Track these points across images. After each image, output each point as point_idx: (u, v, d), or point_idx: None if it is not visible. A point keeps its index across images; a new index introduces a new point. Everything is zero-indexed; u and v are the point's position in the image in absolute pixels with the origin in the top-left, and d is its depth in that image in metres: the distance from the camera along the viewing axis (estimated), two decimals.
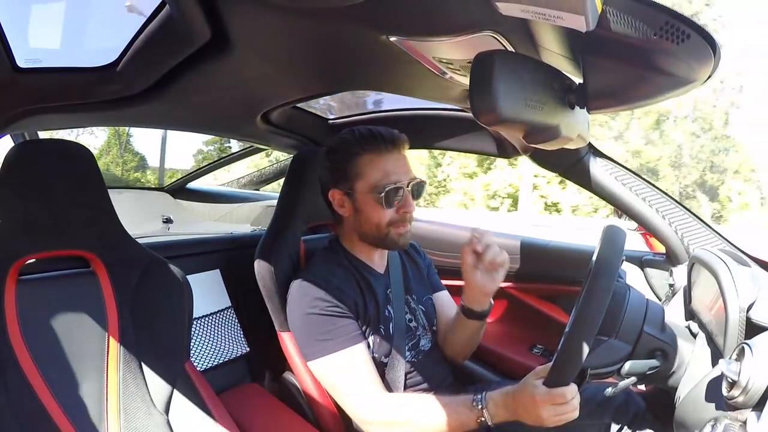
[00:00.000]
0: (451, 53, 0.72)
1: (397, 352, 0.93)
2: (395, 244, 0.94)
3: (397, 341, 0.94)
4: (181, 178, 2.12)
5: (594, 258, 0.69)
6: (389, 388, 0.91)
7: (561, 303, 1.35)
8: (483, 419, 0.78)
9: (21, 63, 0.82)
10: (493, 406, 0.78)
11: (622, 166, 1.08)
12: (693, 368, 0.73)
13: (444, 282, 1.17)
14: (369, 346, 0.91)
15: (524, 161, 1.19)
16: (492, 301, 0.99)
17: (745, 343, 0.53)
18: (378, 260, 1.01)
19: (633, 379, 0.76)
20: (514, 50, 0.68)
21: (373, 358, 0.91)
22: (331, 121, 1.40)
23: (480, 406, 0.78)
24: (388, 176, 0.89)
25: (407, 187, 0.90)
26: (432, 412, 0.80)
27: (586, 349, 0.65)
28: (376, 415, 0.84)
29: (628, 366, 0.74)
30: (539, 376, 0.75)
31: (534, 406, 0.72)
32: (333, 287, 0.90)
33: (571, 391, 0.71)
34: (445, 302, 1.12)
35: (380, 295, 0.96)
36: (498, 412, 0.77)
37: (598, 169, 1.05)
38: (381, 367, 0.92)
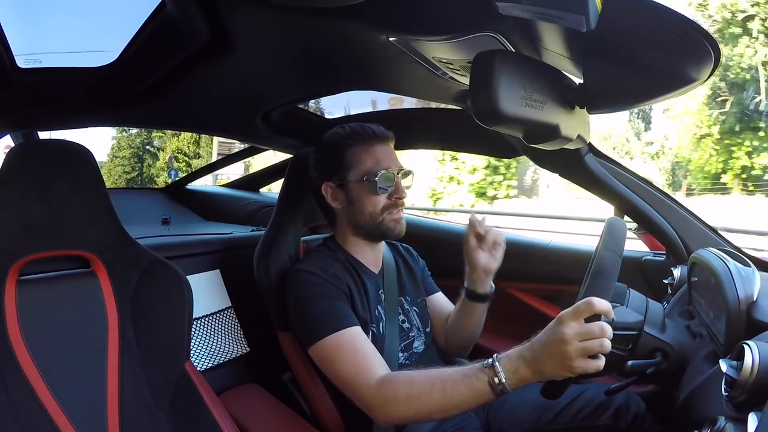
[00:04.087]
0: (451, 53, 0.72)
1: (389, 352, 0.92)
2: (391, 231, 0.95)
3: (388, 342, 0.93)
4: (181, 178, 2.12)
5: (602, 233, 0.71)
6: None
7: (561, 303, 1.35)
8: (497, 379, 0.68)
9: (21, 63, 0.83)
10: (506, 361, 0.68)
11: (622, 166, 1.09)
12: (693, 368, 0.73)
13: (440, 282, 1.17)
14: None
15: None
16: (493, 285, 1.01)
17: (745, 343, 0.53)
18: (372, 259, 1.01)
19: (633, 378, 0.76)
20: (514, 50, 0.68)
21: None
22: (330, 121, 1.40)
23: (490, 366, 0.69)
24: (380, 163, 0.93)
25: (398, 174, 0.94)
26: (440, 384, 0.73)
27: (616, 268, 0.64)
28: (379, 393, 0.77)
29: (628, 366, 0.74)
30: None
31: (557, 329, 0.63)
32: (329, 274, 0.90)
33: (600, 302, 0.61)
34: (441, 303, 1.13)
35: (372, 295, 0.96)
36: (513, 365, 0.67)
37: (598, 169, 1.05)
38: None
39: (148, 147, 12.89)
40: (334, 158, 0.95)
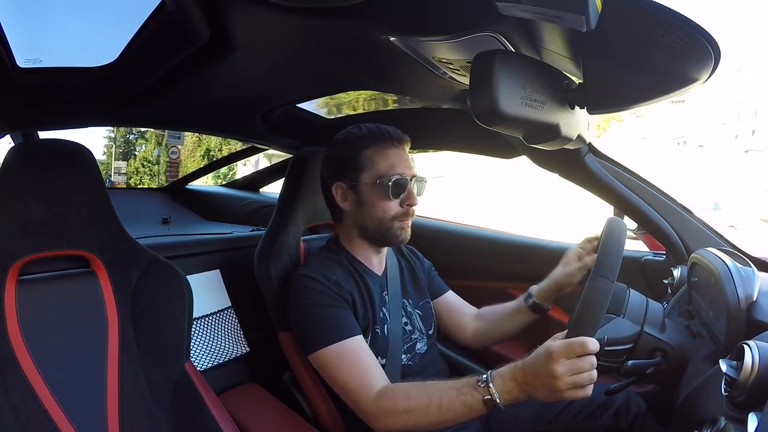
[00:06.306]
0: (451, 53, 0.72)
1: (393, 354, 0.93)
2: (396, 238, 0.95)
3: (392, 343, 0.94)
4: (181, 178, 2.12)
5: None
6: None
7: (561, 303, 1.34)
8: (490, 398, 0.70)
9: (21, 63, 0.83)
10: (500, 381, 0.70)
11: (622, 166, 1.08)
12: (693, 368, 0.73)
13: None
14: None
15: None
16: None
17: (745, 343, 0.53)
18: (376, 262, 1.01)
19: (633, 378, 0.76)
20: (514, 50, 0.68)
21: None
22: (330, 121, 1.40)
23: (485, 384, 0.71)
24: (394, 168, 0.92)
25: (411, 181, 0.93)
26: (437, 399, 0.74)
27: (607, 297, 0.63)
28: (378, 404, 0.79)
29: (628, 366, 0.74)
30: (556, 338, 0.68)
31: (548, 364, 0.64)
32: (332, 281, 0.90)
33: (592, 342, 0.63)
34: (454, 301, 1.13)
35: (376, 297, 0.96)
36: (506, 386, 0.70)
37: (598, 169, 1.05)
38: None
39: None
40: (348, 158, 0.94)
